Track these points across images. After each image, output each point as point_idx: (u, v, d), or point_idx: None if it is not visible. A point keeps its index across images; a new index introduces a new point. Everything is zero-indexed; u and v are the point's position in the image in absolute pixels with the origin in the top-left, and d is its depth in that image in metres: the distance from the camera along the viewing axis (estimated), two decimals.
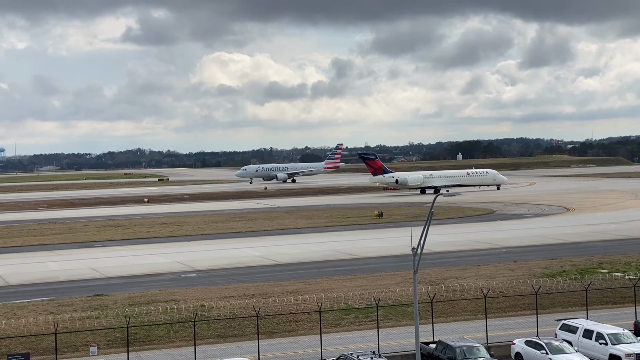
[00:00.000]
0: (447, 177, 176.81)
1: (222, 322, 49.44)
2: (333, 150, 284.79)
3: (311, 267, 73.05)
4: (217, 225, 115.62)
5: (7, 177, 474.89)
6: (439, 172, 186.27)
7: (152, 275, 71.53)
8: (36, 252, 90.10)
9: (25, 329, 47.59)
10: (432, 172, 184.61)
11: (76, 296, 59.98)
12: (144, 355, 43.83)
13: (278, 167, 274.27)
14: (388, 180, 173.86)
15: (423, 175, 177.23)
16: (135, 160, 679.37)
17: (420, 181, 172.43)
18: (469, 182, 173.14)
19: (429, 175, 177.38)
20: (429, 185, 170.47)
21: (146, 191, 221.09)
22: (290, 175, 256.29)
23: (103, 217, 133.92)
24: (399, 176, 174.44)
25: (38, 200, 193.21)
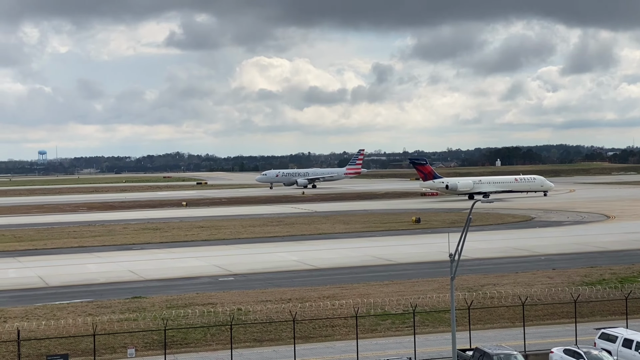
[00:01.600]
0: (496, 183, 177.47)
1: (259, 326, 49.54)
2: (355, 155, 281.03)
3: (348, 272, 72.95)
4: (255, 229, 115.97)
5: (49, 179, 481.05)
6: (487, 178, 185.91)
7: (190, 278, 71.94)
8: (76, 254, 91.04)
9: (64, 330, 48.07)
10: (481, 178, 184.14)
11: (115, 298, 60.45)
12: (181, 358, 44.07)
13: (298, 172, 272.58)
14: (438, 186, 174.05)
15: (472, 180, 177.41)
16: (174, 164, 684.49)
17: (470, 187, 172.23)
18: (517, 188, 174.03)
19: (478, 181, 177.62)
20: (478, 191, 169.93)
21: (184, 195, 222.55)
22: (310, 181, 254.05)
23: (142, 220, 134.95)
24: (448, 181, 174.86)
25: (78, 203, 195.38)
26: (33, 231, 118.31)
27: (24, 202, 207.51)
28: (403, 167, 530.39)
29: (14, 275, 75.80)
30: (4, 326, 49.55)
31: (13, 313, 54.94)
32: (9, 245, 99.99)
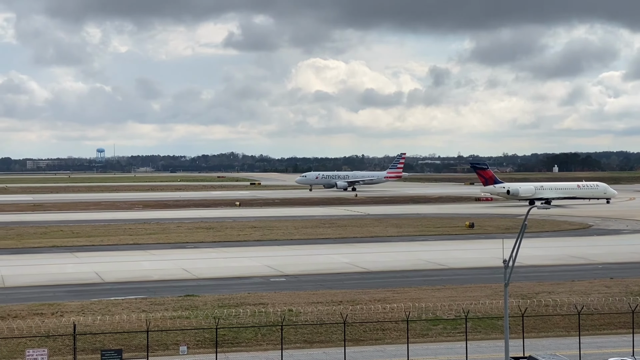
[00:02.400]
0: (558, 189, 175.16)
1: (309, 328, 49.58)
2: (397, 159, 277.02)
3: (399, 276, 72.64)
4: (307, 230, 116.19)
5: (106, 177, 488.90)
6: (550, 184, 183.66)
7: (242, 278, 72.34)
8: (131, 251, 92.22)
9: (118, 325, 48.71)
10: (543, 184, 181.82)
11: (168, 295, 61.08)
12: (232, 357, 44.32)
13: (338, 174, 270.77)
14: (499, 191, 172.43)
15: (534, 186, 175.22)
16: (228, 164, 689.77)
17: (532, 192, 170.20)
18: (579, 195, 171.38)
19: (540, 186, 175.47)
20: (540, 197, 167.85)
21: (238, 195, 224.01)
22: (350, 184, 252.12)
23: (195, 219, 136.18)
24: (510, 187, 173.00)
25: (134, 201, 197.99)
26: (90, 227, 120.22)
27: (82, 198, 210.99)
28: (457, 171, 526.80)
29: (71, 270, 77.09)
30: (61, 320, 50.41)
31: (70, 307, 55.86)
32: (67, 241, 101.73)
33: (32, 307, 55.79)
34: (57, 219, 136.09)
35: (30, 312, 54.06)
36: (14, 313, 53.54)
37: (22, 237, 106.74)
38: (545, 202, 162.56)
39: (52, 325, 48.85)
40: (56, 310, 54.61)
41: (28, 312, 53.82)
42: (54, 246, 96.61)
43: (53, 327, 48.27)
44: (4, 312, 53.77)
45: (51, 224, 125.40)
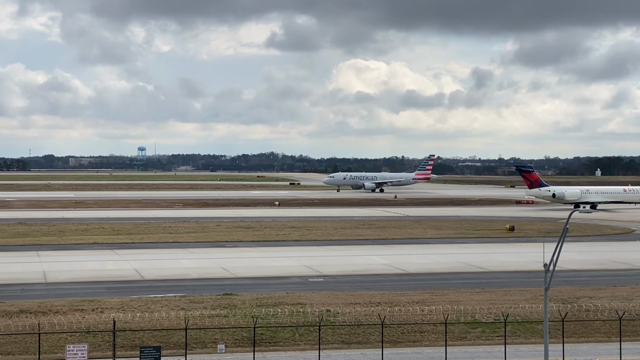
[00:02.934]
0: (604, 193, 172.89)
1: (347, 328, 49.53)
2: (426, 160, 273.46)
3: (438, 278, 72.27)
4: (346, 231, 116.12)
5: (147, 175, 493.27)
6: (595, 188, 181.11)
7: (280, 277, 72.50)
8: (170, 249, 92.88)
9: (157, 323, 49.06)
10: (589, 188, 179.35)
11: (206, 294, 61.39)
12: (269, 356, 44.41)
13: (366, 175, 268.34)
14: (544, 194, 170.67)
15: (580, 190, 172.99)
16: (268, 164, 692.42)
17: (578, 196, 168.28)
18: (626, 199, 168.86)
19: (586, 190, 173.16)
20: (585, 201, 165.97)
21: (277, 194, 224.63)
22: (378, 185, 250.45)
23: (235, 218, 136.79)
24: (555, 190, 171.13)
25: (174, 199, 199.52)
26: (131, 225, 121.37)
27: (123, 196, 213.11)
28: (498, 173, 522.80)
29: (111, 267, 77.88)
30: (101, 316, 50.96)
31: (109, 304, 56.43)
32: (108, 238, 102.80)
33: (73, 303, 56.46)
34: (98, 216, 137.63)
35: (71, 307, 54.71)
36: (55, 308, 54.24)
37: (64, 233, 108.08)
38: (591, 206, 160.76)
39: (92, 321, 49.40)
40: (96, 307, 55.20)
41: (69, 308, 54.48)
42: (94, 243, 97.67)
43: (93, 323, 48.82)
44: (45, 308, 54.50)
45: (92, 221, 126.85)
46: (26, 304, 56.12)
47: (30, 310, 53.64)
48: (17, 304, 56.16)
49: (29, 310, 53.63)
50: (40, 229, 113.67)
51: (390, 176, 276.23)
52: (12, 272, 73.57)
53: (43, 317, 50.21)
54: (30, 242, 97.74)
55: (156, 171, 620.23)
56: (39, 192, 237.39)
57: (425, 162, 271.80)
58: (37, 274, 72.71)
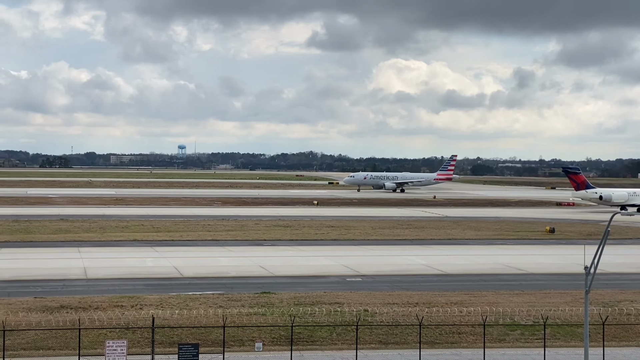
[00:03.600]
0: None
1: (385, 329, 49.42)
2: (448, 161, 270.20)
3: (477, 280, 71.80)
4: (384, 231, 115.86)
5: (187, 173, 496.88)
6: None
7: (318, 276, 72.53)
8: (209, 247, 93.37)
9: (195, 320, 49.38)
10: (636, 190, 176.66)
11: (245, 292, 61.62)
12: (307, 355, 44.47)
13: (387, 175, 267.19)
14: (591, 196, 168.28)
15: (627, 192, 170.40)
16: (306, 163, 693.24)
17: (625, 199, 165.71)
18: None
19: (633, 193, 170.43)
20: (632, 204, 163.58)
21: (316, 194, 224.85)
22: (398, 185, 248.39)
23: (273, 217, 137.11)
24: (602, 192, 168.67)
25: (213, 197, 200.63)
26: (170, 222, 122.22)
27: (163, 194, 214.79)
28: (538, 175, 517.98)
29: (151, 265, 78.54)
30: (140, 313, 51.40)
31: (149, 301, 56.91)
32: (148, 235, 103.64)
33: (113, 299, 57.04)
34: (138, 214, 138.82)
35: (111, 304, 55.28)
36: (95, 304, 54.84)
37: (105, 230, 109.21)
38: (638, 209, 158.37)
39: (132, 317, 49.86)
40: (136, 303, 55.70)
41: (109, 304, 55.04)
42: (134, 240, 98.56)
43: (132, 320, 49.27)
44: (85, 303, 55.13)
45: (132, 219, 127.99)
46: (67, 299, 56.83)
47: (70, 305, 54.31)
48: (58, 299, 56.89)
49: (70, 305, 54.29)
50: (81, 225, 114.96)
51: (412, 176, 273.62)
52: (53, 267, 74.53)
53: (83, 313, 50.80)
54: (71, 238, 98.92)
55: (196, 169, 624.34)
56: (80, 189, 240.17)
57: (448, 163, 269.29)
58: (78, 270, 73.56)
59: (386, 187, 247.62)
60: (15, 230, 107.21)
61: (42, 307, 53.41)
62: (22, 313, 50.52)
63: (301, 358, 43.80)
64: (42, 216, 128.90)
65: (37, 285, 64.34)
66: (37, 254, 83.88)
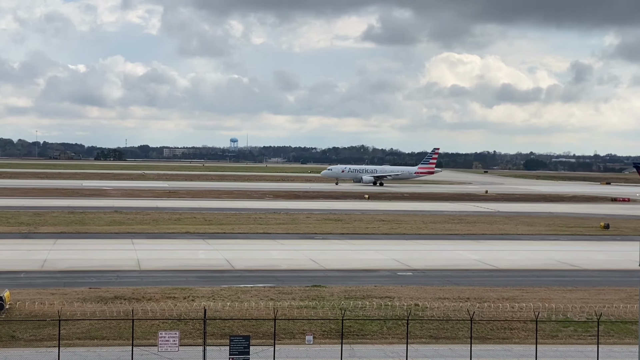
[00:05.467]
0: None
1: (435, 323, 49.20)
2: (430, 154, 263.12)
3: (529, 275, 71.07)
4: (435, 225, 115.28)
5: (239, 166, 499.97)
6: None
7: (368, 270, 72.49)
8: (260, 240, 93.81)
9: (247, 312, 49.72)
10: None
11: (295, 285, 61.85)
12: (357, 349, 44.50)
13: (366, 168, 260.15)
14: None
15: None
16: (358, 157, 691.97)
17: None
18: None
19: None
20: None
21: (366, 188, 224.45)
22: (377, 178, 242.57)
23: (324, 211, 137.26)
24: None
25: (265, 191, 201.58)
26: (222, 215, 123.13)
27: (215, 187, 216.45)
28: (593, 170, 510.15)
29: (203, 257, 79.26)
30: (192, 304, 51.93)
31: (201, 292, 57.46)
32: (200, 228, 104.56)
33: (165, 291, 57.71)
34: (191, 206, 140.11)
35: (164, 295, 55.94)
36: (148, 295, 55.55)
37: (158, 222, 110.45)
38: None
39: (184, 309, 50.39)
40: (188, 295, 56.28)
41: (161, 295, 55.71)
42: (187, 232, 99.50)
43: (184, 311, 49.80)
44: (139, 295, 55.88)
45: (185, 211, 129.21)
46: (120, 290, 57.66)
47: (124, 296, 55.10)
48: (112, 290, 57.77)
49: (123, 296, 55.08)
50: (134, 217, 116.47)
51: (391, 169, 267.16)
52: (107, 259, 75.64)
53: (136, 304, 51.51)
54: (125, 230, 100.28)
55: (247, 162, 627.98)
56: (134, 181, 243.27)
57: (429, 156, 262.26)
58: (132, 261, 74.57)
59: (363, 181, 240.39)
60: (71, 221, 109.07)
61: (96, 298, 54.28)
62: (77, 303, 51.43)
63: (351, 351, 43.84)
64: (96, 208, 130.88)
65: (91, 275, 65.42)
66: (91, 245, 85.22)
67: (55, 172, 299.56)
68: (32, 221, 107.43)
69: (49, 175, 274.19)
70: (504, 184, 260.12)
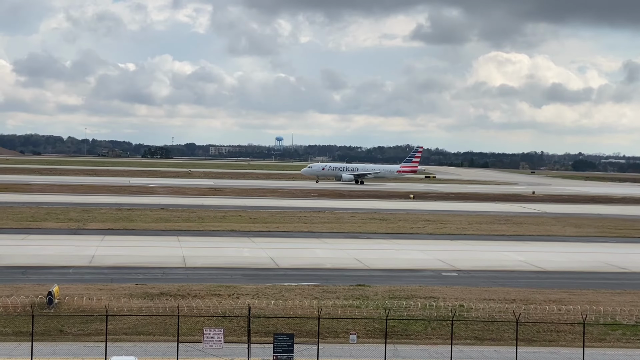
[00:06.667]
0: None
1: (480, 324, 48.81)
2: (412, 152, 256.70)
3: (576, 277, 70.13)
4: (481, 226, 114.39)
5: (284, 164, 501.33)
6: None
7: (413, 270, 72.18)
8: (305, 239, 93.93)
9: (291, 310, 49.81)
10: None
11: (339, 284, 61.79)
12: (401, 349, 44.33)
13: (346, 167, 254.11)
14: None
15: None
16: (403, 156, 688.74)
17: None
18: None
19: None
20: None
21: (412, 187, 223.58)
22: (357, 177, 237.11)
23: (369, 210, 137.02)
24: None
25: (309, 189, 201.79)
26: (267, 214, 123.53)
27: (260, 185, 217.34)
28: None
29: (247, 255, 79.58)
30: (237, 302, 52.19)
31: (245, 290, 57.70)
32: (245, 226, 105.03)
33: (210, 288, 58.06)
34: (236, 204, 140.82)
35: (209, 292, 56.29)
36: (194, 292, 55.95)
37: (203, 220, 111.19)
38: None
39: (229, 306, 50.67)
40: (232, 292, 56.56)
41: (206, 293, 56.06)
42: (232, 230, 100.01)
43: (229, 308, 50.07)
44: (184, 291, 56.31)
45: (230, 209, 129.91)
46: (166, 286, 58.16)
47: (170, 293, 55.57)
48: (158, 286, 58.29)
49: (169, 293, 55.56)
50: (180, 215, 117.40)
51: (372, 168, 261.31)
52: (154, 255, 76.36)
53: (182, 300, 51.92)
54: (171, 227, 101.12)
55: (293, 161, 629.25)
56: (180, 179, 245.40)
57: (412, 154, 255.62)
58: (177, 258, 75.18)
59: (343, 179, 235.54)
60: (118, 218, 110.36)
61: (142, 294, 54.82)
62: (124, 299, 51.99)
63: (395, 351, 43.68)
64: (143, 205, 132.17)
65: (138, 272, 66.08)
66: (138, 242, 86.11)
67: (104, 170, 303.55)
68: (81, 217, 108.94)
69: (98, 172, 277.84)
70: (551, 185, 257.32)
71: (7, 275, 62.97)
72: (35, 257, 73.21)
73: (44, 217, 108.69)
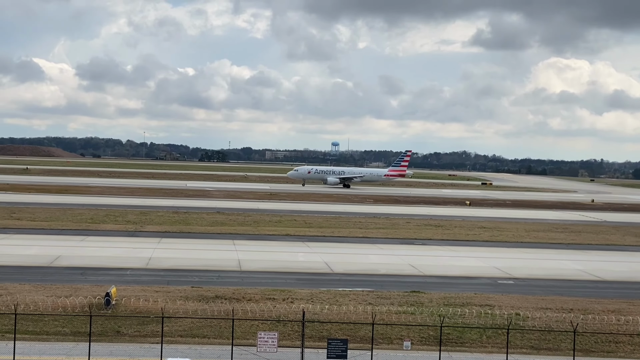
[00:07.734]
0: None
1: (537, 334, 48.16)
2: (401, 156, 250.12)
3: (636, 287, 68.79)
4: (538, 234, 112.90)
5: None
6: None
7: (468, 277, 71.56)
8: (360, 244, 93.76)
9: (345, 316, 49.77)
10: None
11: (394, 290, 61.55)
12: (455, 357, 43.97)
13: (333, 170, 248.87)
14: None
15: None
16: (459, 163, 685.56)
17: None
18: None
19: None
20: None
21: (468, 194, 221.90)
22: (342, 180, 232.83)
23: (424, 216, 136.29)
24: None
25: (364, 195, 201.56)
26: (322, 219, 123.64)
27: (315, 190, 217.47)
28: None
29: (302, 259, 79.74)
30: (291, 306, 52.32)
31: (300, 295, 57.83)
32: (300, 230, 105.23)
33: (265, 292, 58.33)
34: (291, 209, 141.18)
35: (263, 296, 56.55)
36: (249, 296, 56.26)
37: (259, 224, 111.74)
38: None
39: (283, 310, 50.82)
40: (287, 297, 56.73)
41: (261, 296, 56.33)
42: (287, 235, 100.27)
43: (283, 313, 50.22)
44: (239, 295, 56.66)
45: (285, 213, 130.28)
46: (221, 290, 58.59)
47: (225, 296, 55.96)
48: (213, 289, 58.75)
49: (224, 296, 55.95)
50: (236, 218, 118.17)
51: (359, 171, 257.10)
52: (209, 258, 76.99)
53: (237, 304, 52.23)
54: (226, 230, 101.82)
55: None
56: (236, 183, 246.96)
57: (401, 158, 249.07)
58: (233, 262, 75.69)
59: (328, 182, 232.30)
60: (175, 221, 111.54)
61: (198, 297, 55.31)
62: (180, 301, 52.54)
63: (449, 359, 43.33)
64: (199, 208, 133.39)
65: (193, 274, 66.71)
66: (194, 245, 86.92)
67: (161, 173, 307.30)
68: (139, 220, 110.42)
69: (155, 175, 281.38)
70: (611, 193, 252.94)
71: (66, 275, 64.14)
72: (94, 258, 74.41)
73: (102, 219, 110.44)
